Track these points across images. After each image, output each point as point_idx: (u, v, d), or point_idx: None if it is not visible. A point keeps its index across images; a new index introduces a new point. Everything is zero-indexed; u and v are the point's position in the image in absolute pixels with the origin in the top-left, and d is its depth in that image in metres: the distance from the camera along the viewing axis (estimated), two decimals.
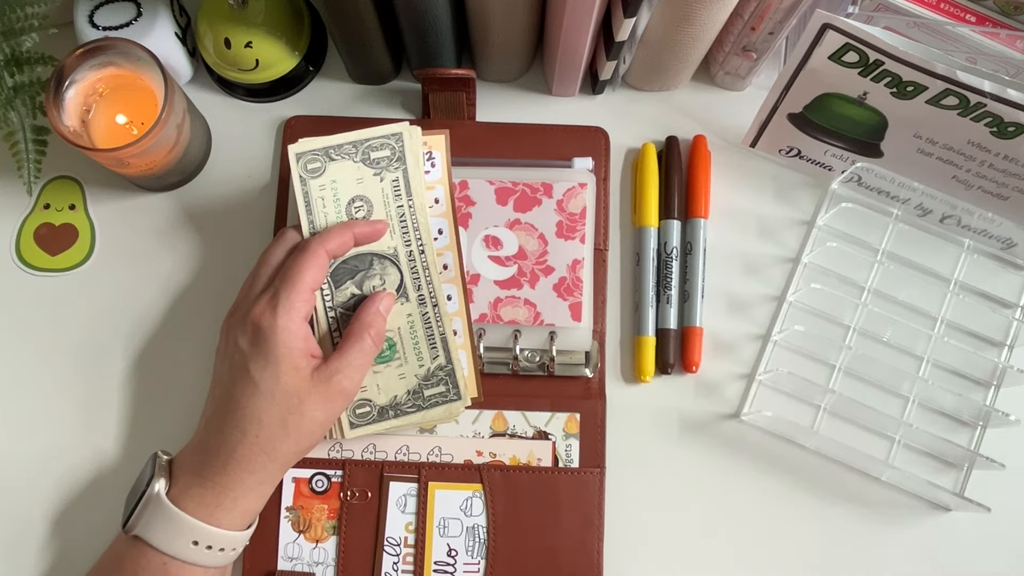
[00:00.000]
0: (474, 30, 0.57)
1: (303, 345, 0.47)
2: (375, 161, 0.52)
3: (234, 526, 0.48)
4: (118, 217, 0.60)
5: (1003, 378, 0.58)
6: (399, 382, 0.52)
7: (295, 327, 0.47)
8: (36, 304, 0.59)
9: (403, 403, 0.53)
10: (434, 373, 0.53)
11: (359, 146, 0.52)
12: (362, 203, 0.52)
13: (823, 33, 0.49)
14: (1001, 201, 0.56)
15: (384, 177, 0.52)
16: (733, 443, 0.57)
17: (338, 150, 0.52)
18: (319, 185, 0.51)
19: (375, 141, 0.52)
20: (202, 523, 0.46)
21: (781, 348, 0.58)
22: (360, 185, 0.52)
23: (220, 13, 0.57)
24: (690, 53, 0.57)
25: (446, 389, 0.53)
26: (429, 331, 0.52)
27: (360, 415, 0.52)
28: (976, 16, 0.52)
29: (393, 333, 0.52)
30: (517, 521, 0.54)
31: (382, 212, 0.52)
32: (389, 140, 0.52)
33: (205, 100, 0.62)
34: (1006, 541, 0.56)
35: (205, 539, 0.46)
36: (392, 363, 0.52)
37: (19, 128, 0.56)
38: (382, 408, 0.52)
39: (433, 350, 0.52)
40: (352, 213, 0.52)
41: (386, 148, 0.52)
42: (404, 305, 0.52)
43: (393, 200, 0.52)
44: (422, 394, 0.53)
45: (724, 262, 0.60)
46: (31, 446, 0.57)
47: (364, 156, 0.52)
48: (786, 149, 0.60)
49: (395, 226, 0.52)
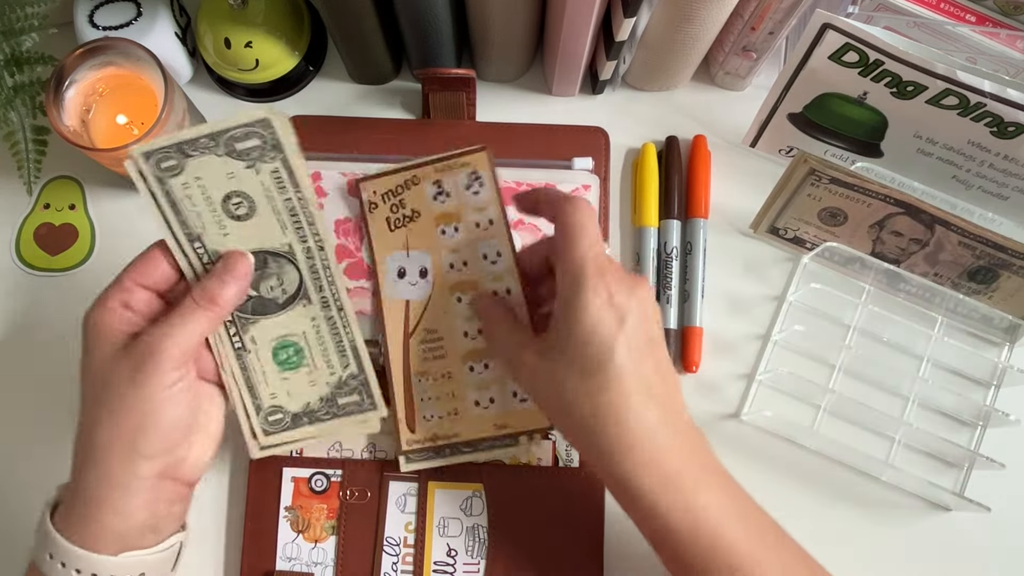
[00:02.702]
0: (474, 30, 0.57)
1: (118, 326, 0.44)
2: (243, 152, 0.45)
3: (91, 545, 0.42)
4: (118, 217, 0.60)
5: (1003, 378, 0.58)
6: (310, 388, 0.50)
7: (107, 312, 0.44)
8: (36, 304, 0.59)
9: (317, 410, 0.50)
10: (346, 382, 0.50)
11: (218, 138, 0.44)
12: (241, 199, 0.46)
13: (823, 33, 0.49)
14: (1001, 201, 0.56)
15: (260, 168, 0.45)
16: (733, 443, 0.57)
17: (193, 144, 0.44)
18: (181, 183, 0.45)
19: (237, 131, 0.45)
20: (55, 532, 0.42)
21: (781, 348, 0.58)
22: (233, 180, 0.45)
23: (220, 13, 0.57)
24: (690, 53, 0.57)
25: (360, 399, 0.50)
26: (337, 337, 0.49)
27: (273, 422, 0.50)
28: (976, 16, 0.52)
29: (299, 338, 0.49)
30: (517, 521, 0.54)
31: (266, 207, 0.46)
32: (255, 128, 0.45)
33: (205, 100, 0.62)
34: (1006, 541, 0.56)
35: (58, 553, 0.42)
36: (301, 369, 0.49)
37: (19, 128, 0.56)
38: (295, 415, 0.50)
39: (343, 358, 0.49)
40: (231, 211, 0.46)
41: (253, 137, 0.45)
42: (307, 308, 0.48)
43: (278, 193, 0.46)
44: (336, 402, 0.50)
45: (724, 262, 0.60)
46: (31, 446, 0.57)
47: (228, 148, 0.45)
48: (786, 149, 0.60)
49: (286, 221, 0.47)
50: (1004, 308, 0.56)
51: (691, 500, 0.41)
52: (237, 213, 0.46)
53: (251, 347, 0.48)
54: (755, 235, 0.60)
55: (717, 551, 0.41)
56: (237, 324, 0.48)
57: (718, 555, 0.41)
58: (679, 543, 0.42)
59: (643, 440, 0.41)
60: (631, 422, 0.41)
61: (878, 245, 0.57)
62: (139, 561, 0.43)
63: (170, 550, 0.45)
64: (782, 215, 0.57)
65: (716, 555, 0.41)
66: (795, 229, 0.58)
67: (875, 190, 0.52)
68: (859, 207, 0.54)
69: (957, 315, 0.58)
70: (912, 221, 0.54)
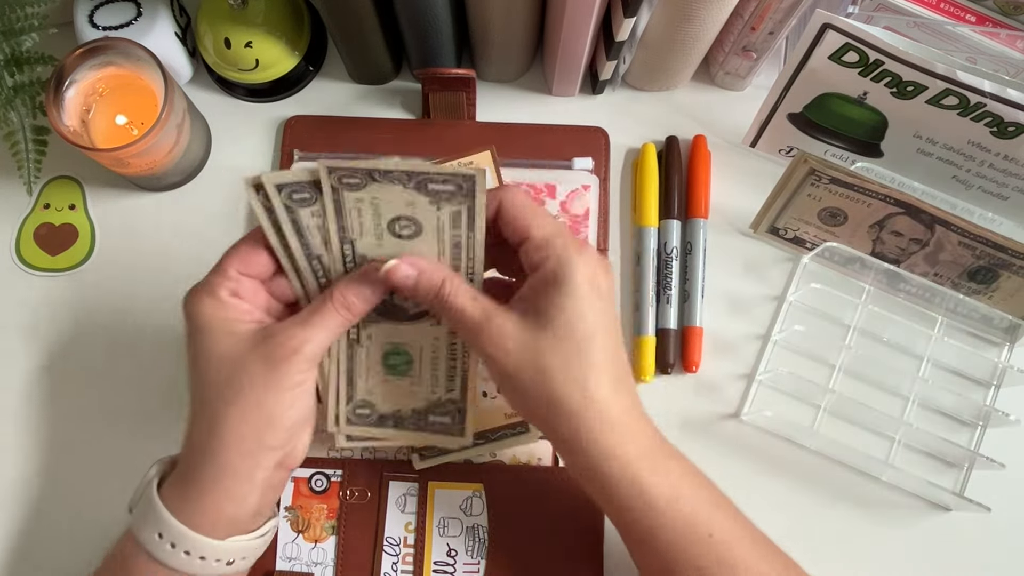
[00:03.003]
0: (474, 30, 0.57)
1: (235, 316, 0.44)
2: (434, 192, 0.44)
3: (203, 528, 0.43)
4: (118, 217, 0.60)
5: (1003, 378, 0.58)
6: (407, 398, 0.50)
7: (219, 303, 0.44)
8: (36, 304, 0.59)
9: (406, 418, 0.50)
10: (444, 403, 0.50)
11: (413, 176, 0.43)
12: (409, 223, 0.44)
13: (823, 33, 0.49)
14: (1001, 201, 0.56)
15: (442, 207, 0.44)
16: (733, 443, 0.57)
17: (385, 175, 0.43)
18: (356, 197, 0.44)
19: (437, 176, 0.43)
20: (169, 515, 0.43)
21: (781, 348, 0.58)
22: (410, 208, 0.44)
23: (220, 13, 0.57)
24: (690, 53, 0.57)
25: (451, 422, 0.50)
26: (452, 362, 0.49)
27: (359, 415, 0.51)
28: (976, 16, 0.52)
29: (414, 350, 0.49)
30: (517, 521, 0.54)
31: (433, 239, 0.45)
32: (456, 179, 0.43)
33: (205, 100, 0.62)
34: (1006, 541, 0.56)
35: (169, 534, 0.43)
36: (405, 378, 0.50)
37: (19, 128, 0.56)
38: (383, 415, 0.50)
39: (450, 382, 0.50)
40: (397, 231, 0.45)
41: (450, 184, 0.43)
42: (434, 328, 0.48)
43: (450, 228, 0.45)
44: (427, 418, 0.50)
45: (724, 262, 0.60)
46: (30, 446, 0.57)
47: (419, 186, 0.43)
48: (786, 149, 0.60)
49: (446, 251, 0.45)
50: (1004, 308, 0.56)
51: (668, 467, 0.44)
52: (401, 233, 0.45)
53: (365, 343, 0.49)
54: (755, 235, 0.60)
55: (698, 518, 0.43)
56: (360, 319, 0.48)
57: (699, 525, 0.43)
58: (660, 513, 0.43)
59: (623, 416, 0.43)
60: (611, 402, 0.43)
61: (878, 245, 0.57)
62: (245, 546, 0.45)
63: (268, 535, 0.47)
64: (782, 215, 0.57)
65: (697, 526, 0.43)
66: (795, 229, 0.58)
67: (875, 190, 0.52)
68: (859, 207, 0.54)
69: (957, 315, 0.58)
70: (912, 221, 0.54)
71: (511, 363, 0.43)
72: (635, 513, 0.43)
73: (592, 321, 0.42)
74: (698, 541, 0.43)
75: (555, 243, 0.43)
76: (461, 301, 0.44)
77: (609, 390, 0.42)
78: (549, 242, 0.43)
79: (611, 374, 0.43)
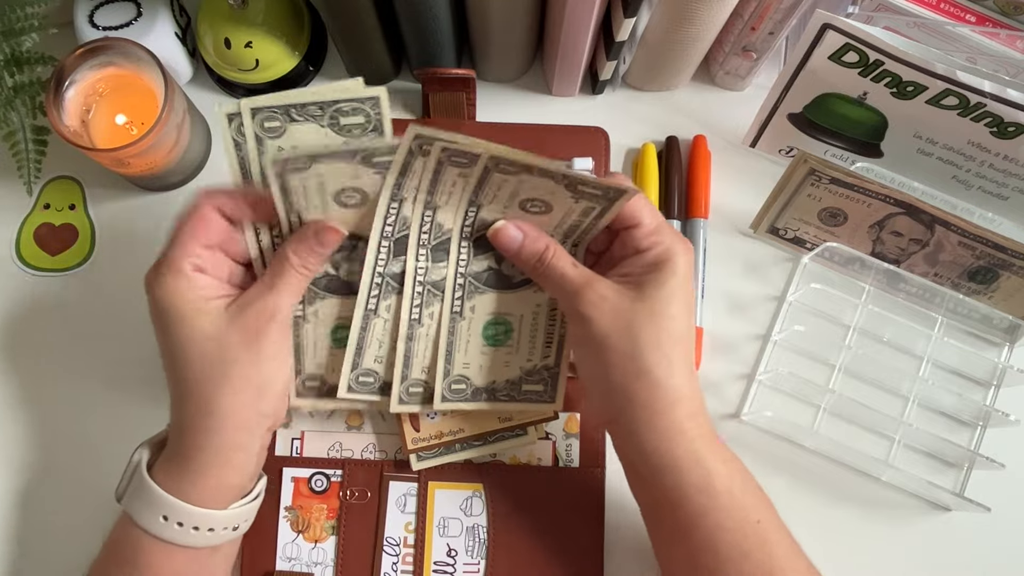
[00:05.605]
0: (474, 30, 0.57)
1: (203, 292, 0.44)
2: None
3: (206, 502, 0.44)
4: (118, 217, 0.60)
5: (1003, 378, 0.58)
6: (503, 368, 0.50)
7: (185, 280, 0.44)
8: (36, 304, 0.59)
9: (499, 389, 0.50)
10: (538, 371, 0.50)
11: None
12: (542, 204, 0.45)
13: (823, 33, 0.49)
14: (1001, 201, 0.56)
15: (580, 202, 0.45)
16: (733, 443, 0.57)
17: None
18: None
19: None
20: (171, 496, 0.44)
21: (781, 348, 0.58)
22: (551, 196, 0.45)
23: (220, 13, 0.57)
24: (690, 53, 0.57)
25: (544, 389, 0.51)
26: (551, 329, 0.50)
27: (455, 391, 0.50)
28: (976, 16, 0.52)
29: (515, 319, 0.49)
30: (517, 521, 0.54)
31: (558, 217, 0.46)
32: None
33: (205, 100, 0.62)
34: (1006, 541, 0.56)
35: (175, 514, 0.44)
36: (502, 348, 0.50)
37: (19, 128, 0.56)
38: (477, 389, 0.50)
39: (547, 349, 0.50)
40: (527, 208, 0.46)
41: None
42: (537, 294, 0.49)
43: (577, 215, 0.46)
44: (520, 387, 0.50)
45: (724, 262, 0.60)
46: (30, 446, 0.57)
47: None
48: (786, 149, 0.60)
49: (562, 228, 0.47)
50: (1004, 308, 0.56)
51: (724, 452, 0.46)
52: (530, 210, 0.46)
53: (468, 315, 0.49)
54: (755, 235, 0.60)
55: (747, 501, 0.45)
56: (465, 290, 0.48)
57: (749, 510, 0.44)
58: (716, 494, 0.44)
59: (695, 396, 0.46)
60: (687, 379, 0.45)
61: (878, 245, 0.57)
62: (246, 509, 0.47)
63: (262, 493, 0.49)
64: (782, 215, 0.57)
65: (747, 510, 0.44)
66: (795, 229, 0.58)
67: (875, 190, 0.52)
68: (859, 207, 0.54)
69: (957, 315, 0.58)
70: (912, 221, 0.54)
71: (605, 324, 0.44)
72: (689, 490, 0.44)
73: (683, 305, 0.45)
74: (747, 525, 0.44)
75: (665, 231, 0.46)
76: (563, 264, 0.46)
77: (687, 369, 0.45)
78: (660, 230, 0.46)
79: (689, 358, 0.46)
